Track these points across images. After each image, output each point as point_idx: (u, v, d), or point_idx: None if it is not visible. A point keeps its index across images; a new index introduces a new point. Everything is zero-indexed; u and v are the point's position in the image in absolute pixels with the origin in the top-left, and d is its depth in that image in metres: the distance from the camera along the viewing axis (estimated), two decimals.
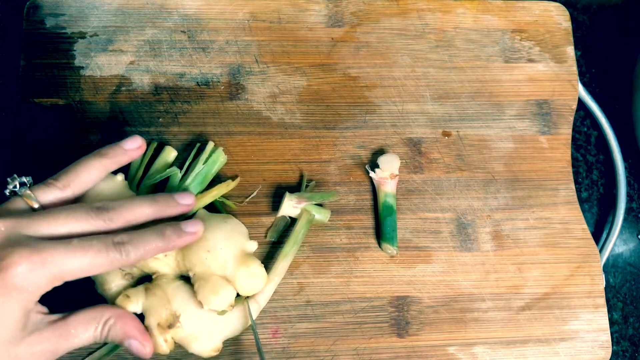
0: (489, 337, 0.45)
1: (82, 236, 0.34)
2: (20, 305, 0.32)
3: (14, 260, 0.31)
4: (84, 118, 0.46)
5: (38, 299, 0.33)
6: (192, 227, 0.38)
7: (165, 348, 0.38)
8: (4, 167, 0.47)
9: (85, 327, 0.35)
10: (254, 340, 0.43)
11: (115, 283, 0.39)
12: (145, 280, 0.40)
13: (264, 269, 0.41)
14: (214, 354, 0.40)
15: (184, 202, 0.39)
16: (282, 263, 0.42)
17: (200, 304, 0.38)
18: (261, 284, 0.40)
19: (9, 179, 0.36)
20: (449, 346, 0.45)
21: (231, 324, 0.40)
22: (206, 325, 0.39)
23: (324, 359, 0.44)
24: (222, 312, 0.39)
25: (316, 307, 0.45)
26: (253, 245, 0.41)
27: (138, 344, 0.36)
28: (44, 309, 0.35)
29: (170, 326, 0.38)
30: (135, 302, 0.38)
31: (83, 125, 0.46)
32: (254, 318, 0.41)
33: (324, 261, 0.46)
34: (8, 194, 0.36)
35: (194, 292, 0.39)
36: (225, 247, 0.39)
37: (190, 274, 0.39)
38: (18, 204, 0.36)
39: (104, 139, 0.46)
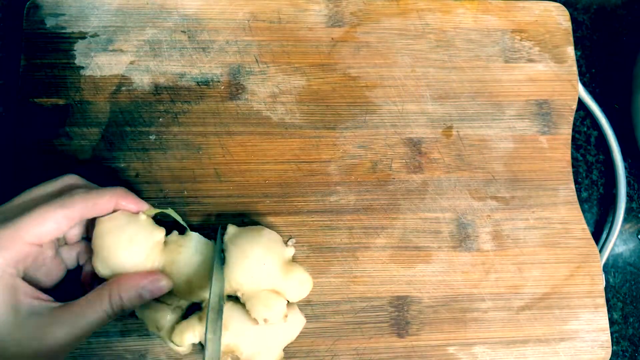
0: (489, 337, 0.45)
1: None
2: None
3: None
4: (84, 118, 0.46)
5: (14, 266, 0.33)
6: None
7: None
8: (4, 167, 0.47)
9: (94, 307, 0.34)
10: None
11: (166, 319, 0.39)
12: (194, 309, 0.40)
13: (307, 273, 0.41)
14: None
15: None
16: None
17: (255, 320, 0.38)
18: (309, 288, 0.41)
19: None
20: (449, 346, 0.45)
21: (288, 331, 0.41)
22: (265, 339, 0.39)
23: (324, 359, 0.44)
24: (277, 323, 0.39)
25: (316, 307, 0.45)
26: (291, 251, 0.41)
27: (152, 284, 0.36)
28: (45, 296, 0.34)
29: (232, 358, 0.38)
30: (192, 333, 0.38)
31: (83, 125, 0.46)
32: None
33: (324, 261, 0.46)
34: None
35: (246, 311, 0.39)
36: (268, 261, 0.39)
37: (239, 294, 0.39)
38: None
39: (104, 139, 0.46)
